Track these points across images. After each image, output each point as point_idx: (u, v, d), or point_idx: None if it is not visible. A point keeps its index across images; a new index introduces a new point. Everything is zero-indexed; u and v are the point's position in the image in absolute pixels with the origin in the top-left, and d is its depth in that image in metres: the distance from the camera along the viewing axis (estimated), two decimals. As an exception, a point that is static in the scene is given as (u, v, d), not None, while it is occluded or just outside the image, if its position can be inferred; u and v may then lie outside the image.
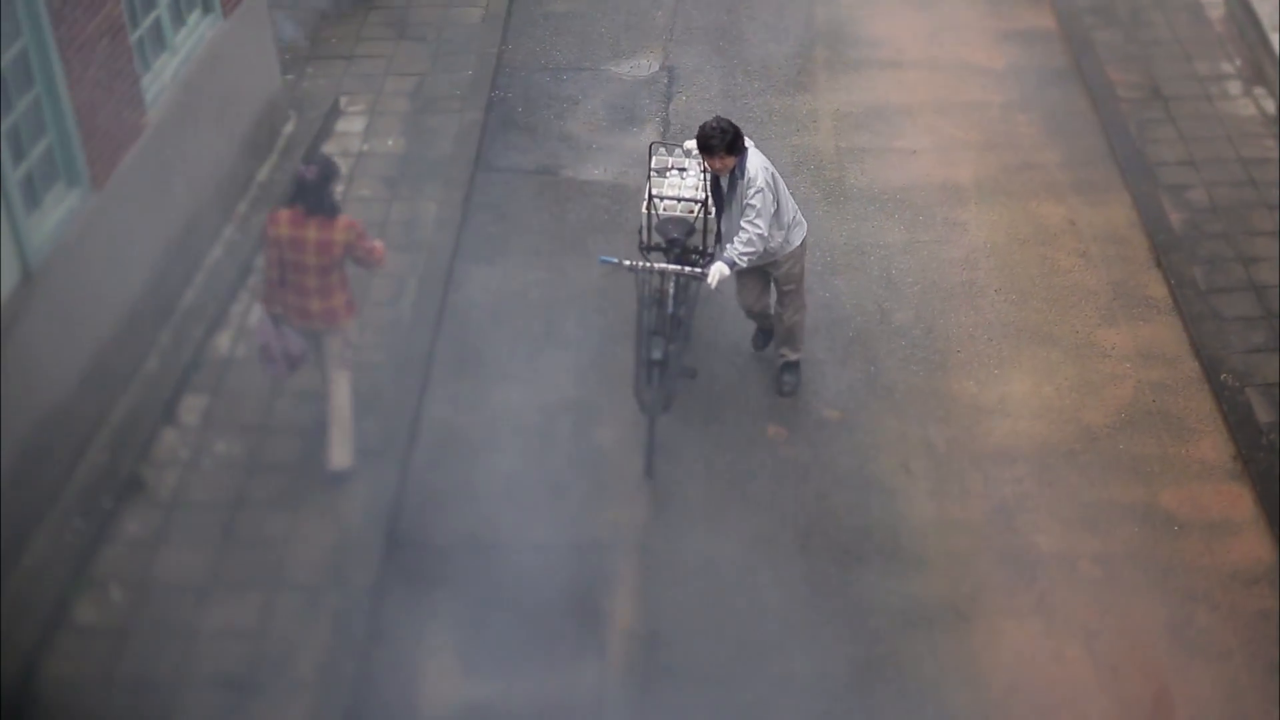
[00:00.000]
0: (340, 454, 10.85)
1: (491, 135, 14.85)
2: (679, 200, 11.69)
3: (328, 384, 10.87)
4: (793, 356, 11.91)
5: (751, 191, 10.66)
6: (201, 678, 9.51)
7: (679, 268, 10.98)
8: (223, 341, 12.01)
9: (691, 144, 11.30)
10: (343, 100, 14.99)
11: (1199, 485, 11.15)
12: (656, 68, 15.95)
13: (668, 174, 11.87)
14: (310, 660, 9.63)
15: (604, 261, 11.02)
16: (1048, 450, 11.41)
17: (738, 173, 10.73)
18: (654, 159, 11.86)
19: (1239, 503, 11.01)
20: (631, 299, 12.12)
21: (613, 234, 13.49)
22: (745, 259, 10.73)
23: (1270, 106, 14.85)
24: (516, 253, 13.40)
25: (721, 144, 10.57)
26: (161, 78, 11.97)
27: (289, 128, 14.32)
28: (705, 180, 11.48)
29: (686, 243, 11.44)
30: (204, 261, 12.58)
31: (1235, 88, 15.25)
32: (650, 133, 14.77)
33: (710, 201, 11.34)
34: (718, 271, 10.73)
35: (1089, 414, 11.71)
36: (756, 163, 10.75)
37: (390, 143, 14.47)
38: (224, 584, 10.11)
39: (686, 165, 11.85)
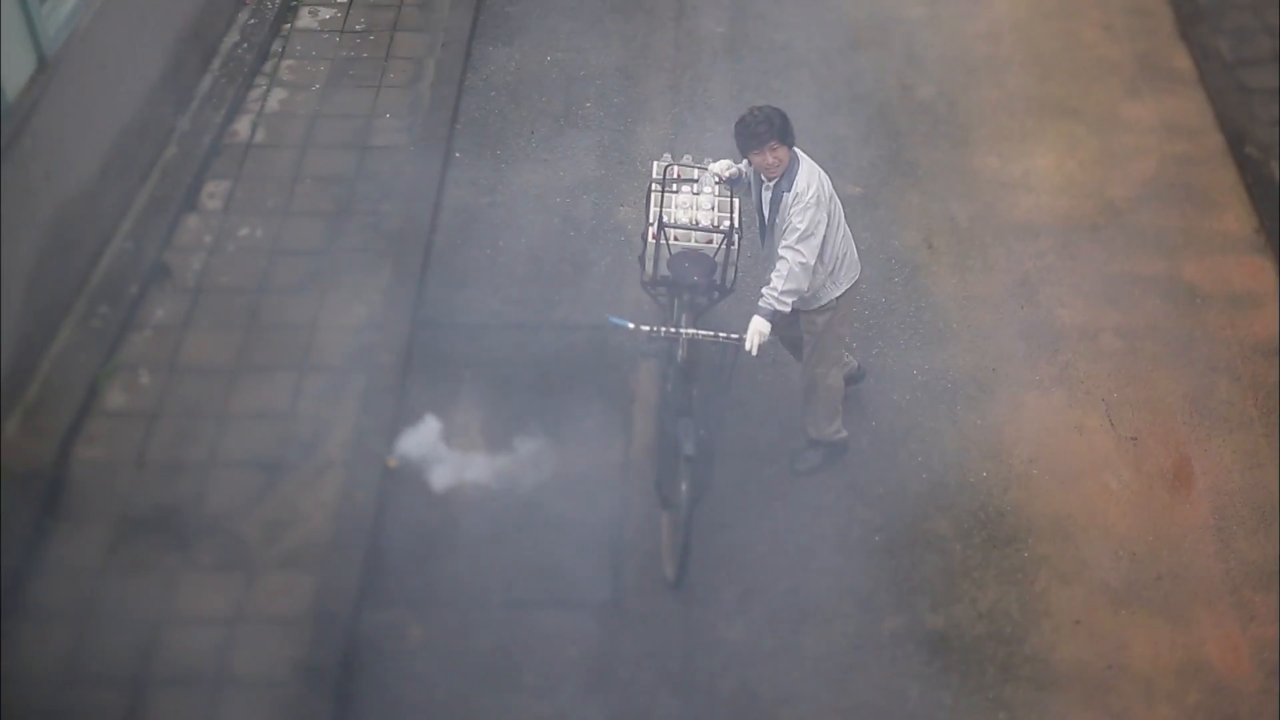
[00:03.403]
0: None
1: (507, -86, 14.64)
2: (694, 229, 9.16)
3: None
4: (814, 433, 9.61)
5: (797, 208, 8.36)
6: (232, 459, 9.63)
7: (711, 333, 8.70)
8: (242, 127, 11.96)
9: (718, 165, 9.18)
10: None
11: (1221, 258, 11.15)
12: None
13: (673, 188, 9.32)
14: (339, 440, 9.75)
15: (615, 324, 8.79)
16: (1070, 224, 11.40)
17: (784, 183, 8.51)
18: (655, 167, 9.41)
19: (1261, 275, 11.01)
20: (651, 74, 12.06)
21: (633, 13, 13.34)
22: (788, 301, 8.45)
23: None
24: (534, 32, 13.28)
25: (770, 131, 8.30)
26: None
27: (304, -88, 14.10)
28: (731, 200, 9.15)
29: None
30: (220, 47, 12.50)
31: None
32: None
33: (737, 230, 9.07)
34: (756, 332, 8.45)
35: (1112, 187, 11.67)
36: (808, 172, 8.50)
37: (404, -77, 14.26)
38: (252, 367, 10.19)
39: (698, 177, 9.33)
